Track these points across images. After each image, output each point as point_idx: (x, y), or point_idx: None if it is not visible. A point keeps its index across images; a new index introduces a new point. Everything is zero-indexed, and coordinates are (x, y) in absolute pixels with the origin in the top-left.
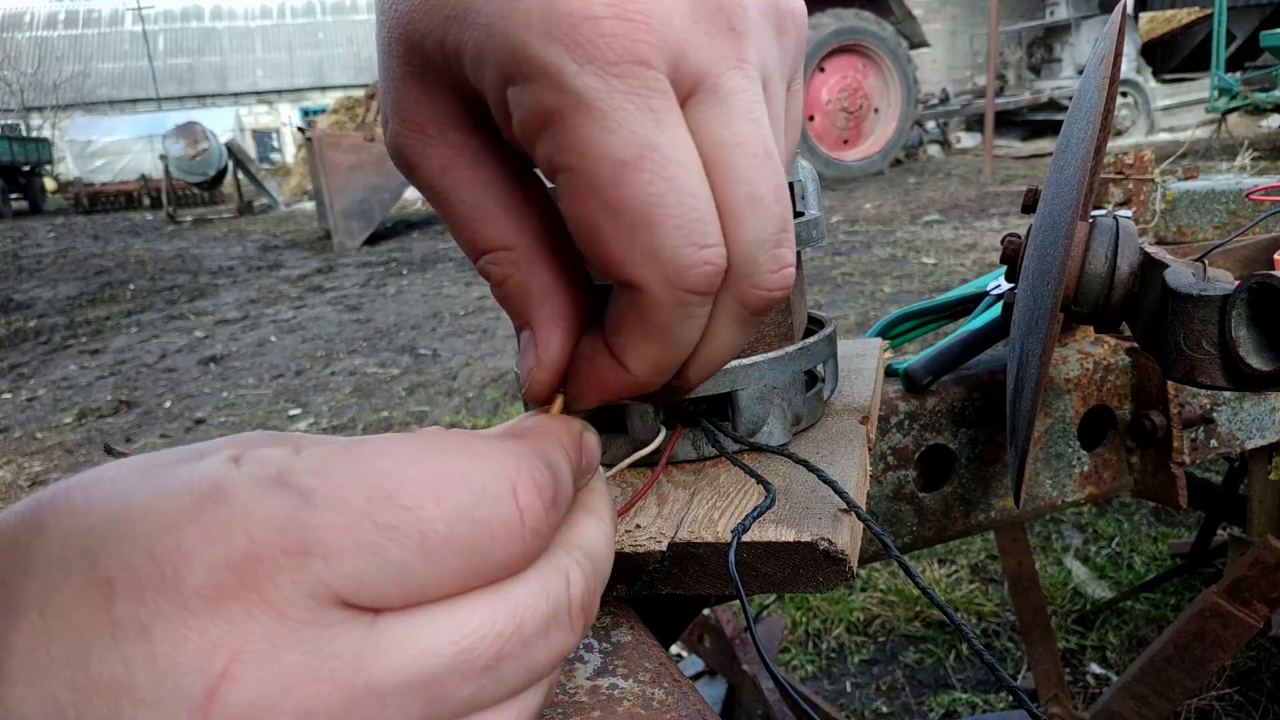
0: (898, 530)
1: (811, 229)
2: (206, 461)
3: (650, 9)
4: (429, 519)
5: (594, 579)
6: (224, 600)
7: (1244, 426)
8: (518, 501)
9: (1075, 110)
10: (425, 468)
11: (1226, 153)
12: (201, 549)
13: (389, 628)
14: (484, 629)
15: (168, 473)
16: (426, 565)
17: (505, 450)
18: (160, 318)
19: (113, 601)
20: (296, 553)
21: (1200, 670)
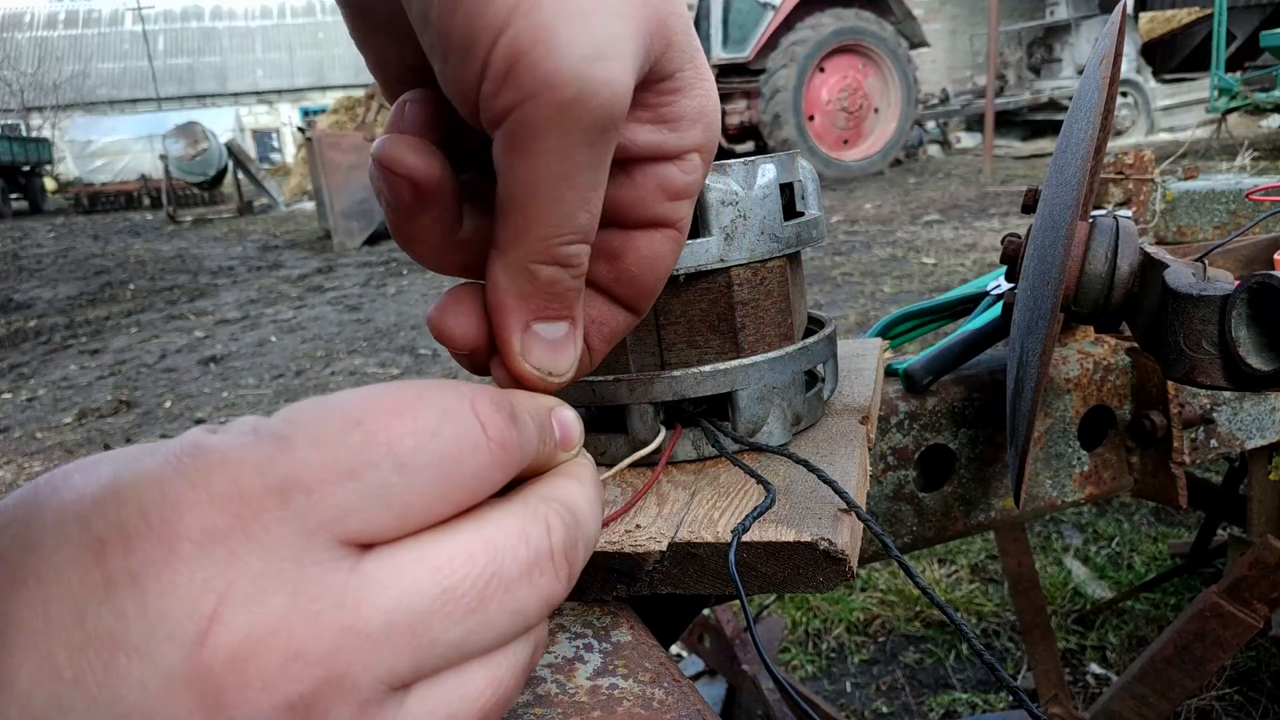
0: (898, 530)
1: (811, 229)
2: (188, 432)
3: None
4: (397, 436)
5: (575, 529)
6: (210, 543)
7: (1244, 426)
8: (478, 414)
9: (1075, 110)
10: (388, 397)
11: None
12: (186, 495)
13: (373, 568)
14: (464, 568)
15: (152, 447)
16: (404, 481)
17: (462, 386)
18: (160, 318)
19: (105, 558)
20: (279, 490)
21: (1200, 670)
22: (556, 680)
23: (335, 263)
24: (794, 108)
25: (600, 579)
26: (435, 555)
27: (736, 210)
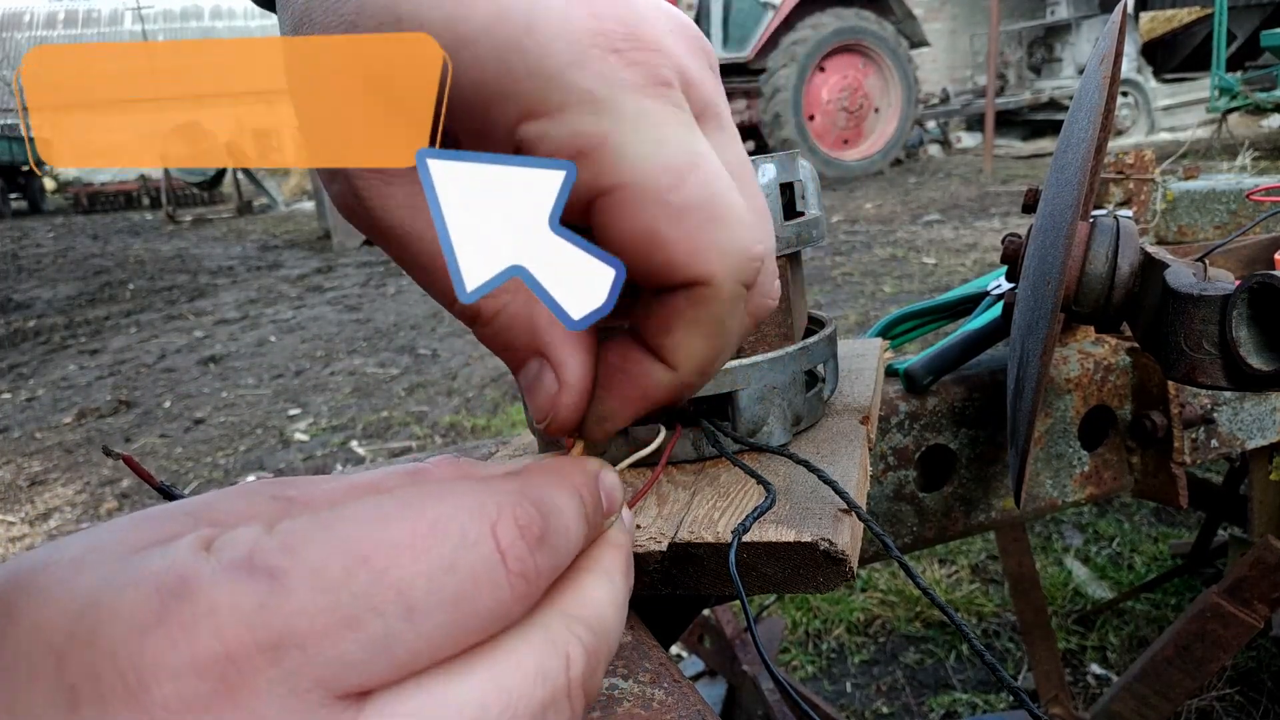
0: (898, 530)
1: (811, 229)
2: (176, 548)
3: (662, 42)
4: (408, 577)
5: (597, 655)
6: (193, 712)
7: (1244, 426)
8: (498, 543)
9: (1076, 110)
10: (402, 523)
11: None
12: (167, 656)
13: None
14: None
15: (138, 563)
16: (411, 628)
17: (489, 489)
18: (159, 318)
19: (78, 709)
20: (270, 647)
21: (1201, 670)
22: None
23: (335, 262)
24: (794, 107)
25: None
26: (443, 706)
27: None
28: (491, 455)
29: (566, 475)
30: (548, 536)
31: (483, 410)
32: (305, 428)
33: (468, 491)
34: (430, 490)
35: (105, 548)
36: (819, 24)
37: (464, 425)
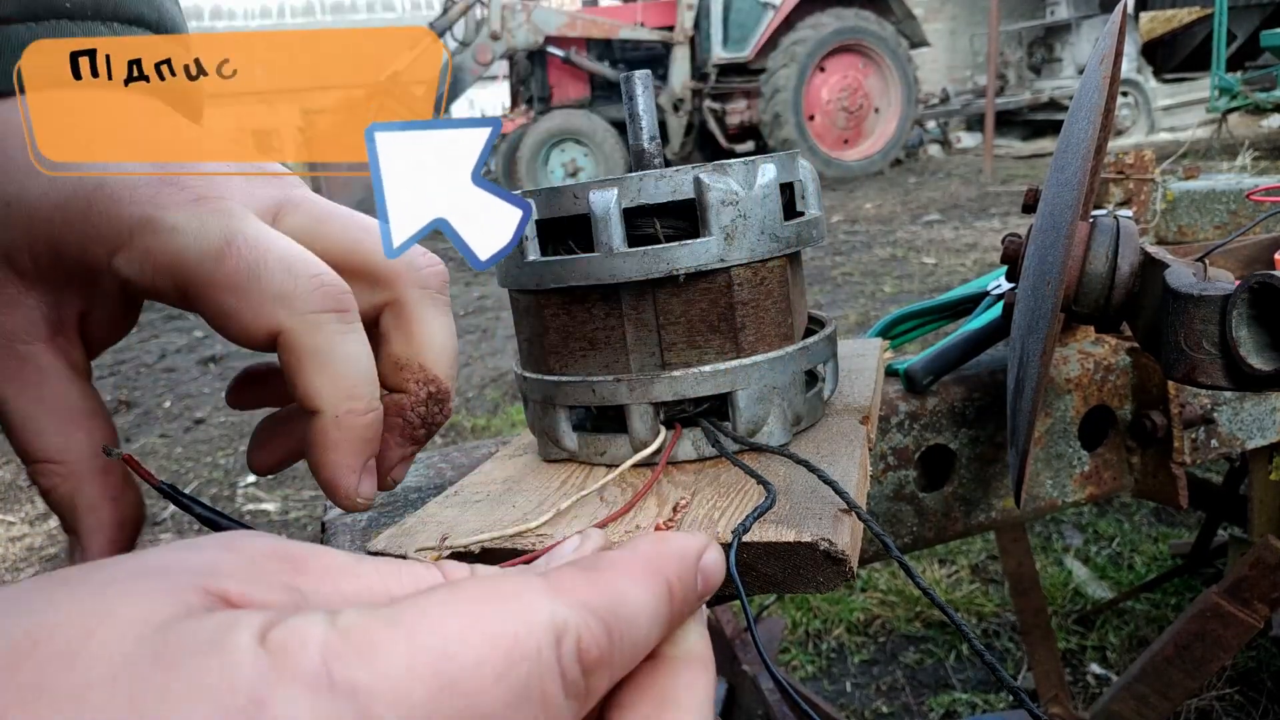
0: (898, 530)
1: (811, 229)
2: (234, 651)
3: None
4: (490, 702)
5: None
6: None
7: (1244, 426)
8: (560, 658)
9: (1076, 110)
10: (479, 637)
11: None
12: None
13: None
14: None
15: (190, 673)
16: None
17: (561, 594)
18: (159, 317)
19: None
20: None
21: (1201, 670)
22: None
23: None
24: (794, 107)
25: None
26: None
27: (737, 210)
28: (491, 455)
29: (657, 564)
30: (610, 657)
31: (483, 410)
32: None
33: (540, 595)
34: (500, 588)
35: (120, 630)
36: (819, 24)
37: (464, 425)
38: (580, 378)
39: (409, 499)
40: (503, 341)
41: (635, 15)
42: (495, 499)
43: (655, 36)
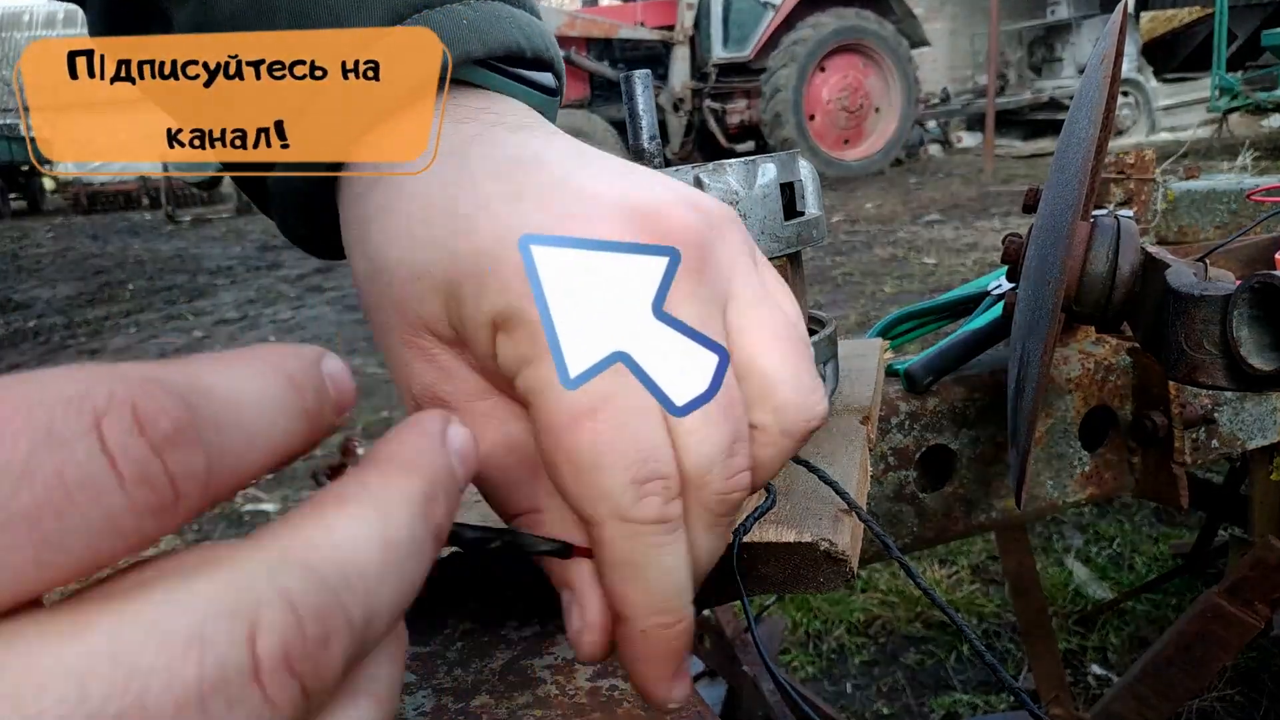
0: (898, 531)
1: (812, 229)
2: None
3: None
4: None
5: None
6: None
7: (1245, 427)
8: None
9: (1076, 110)
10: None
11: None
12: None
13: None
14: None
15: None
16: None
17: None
18: (159, 318)
19: None
20: None
21: (1201, 671)
22: (556, 681)
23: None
24: (794, 107)
25: None
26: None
27: (737, 210)
28: None
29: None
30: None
31: None
32: None
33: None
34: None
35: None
36: (819, 24)
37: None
38: None
39: None
40: None
41: (635, 15)
42: None
43: (655, 36)
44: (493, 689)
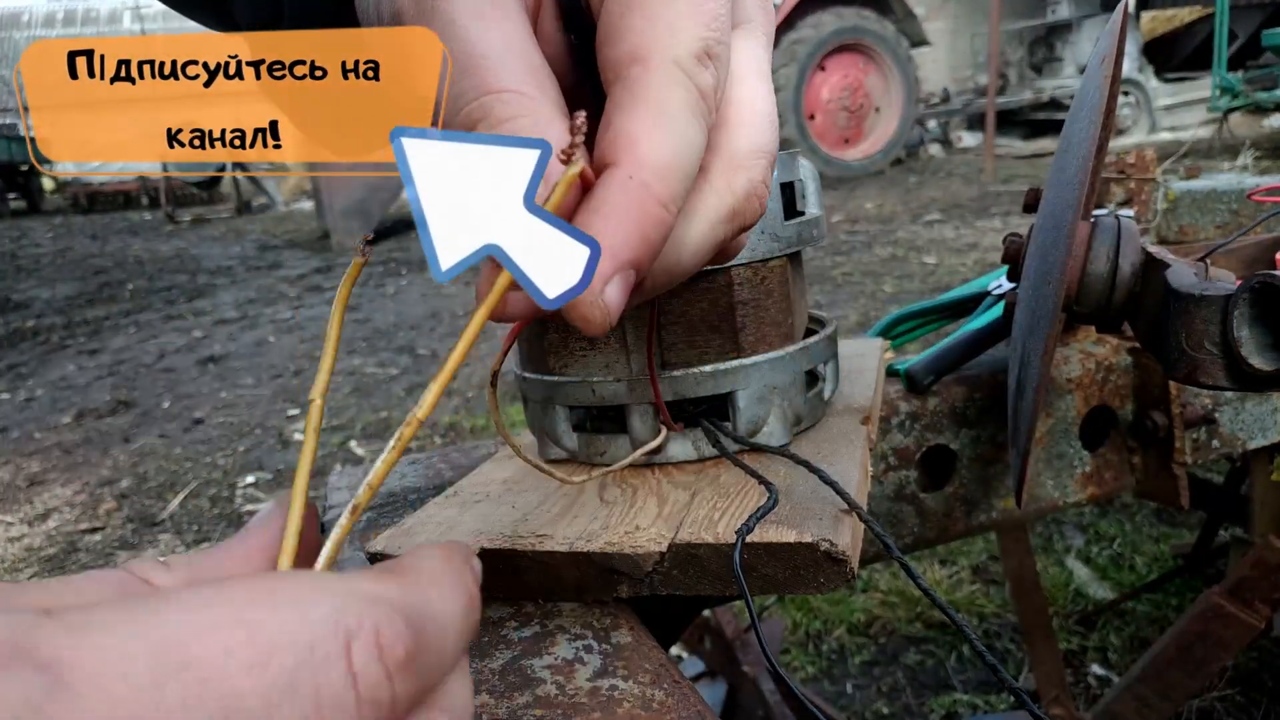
0: (899, 531)
1: (812, 228)
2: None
3: None
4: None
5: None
6: None
7: (1246, 427)
8: (351, 663)
9: (1077, 109)
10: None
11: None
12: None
13: None
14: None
15: None
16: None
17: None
18: (158, 317)
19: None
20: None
21: (1202, 671)
22: (556, 681)
23: (334, 262)
24: (795, 107)
25: (600, 580)
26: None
27: None
28: (491, 455)
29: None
30: (419, 656)
31: (482, 410)
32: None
33: (323, 590)
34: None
35: None
36: (819, 23)
37: (463, 425)
38: (580, 378)
39: (408, 499)
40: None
41: None
42: (495, 499)
43: None
44: (493, 688)
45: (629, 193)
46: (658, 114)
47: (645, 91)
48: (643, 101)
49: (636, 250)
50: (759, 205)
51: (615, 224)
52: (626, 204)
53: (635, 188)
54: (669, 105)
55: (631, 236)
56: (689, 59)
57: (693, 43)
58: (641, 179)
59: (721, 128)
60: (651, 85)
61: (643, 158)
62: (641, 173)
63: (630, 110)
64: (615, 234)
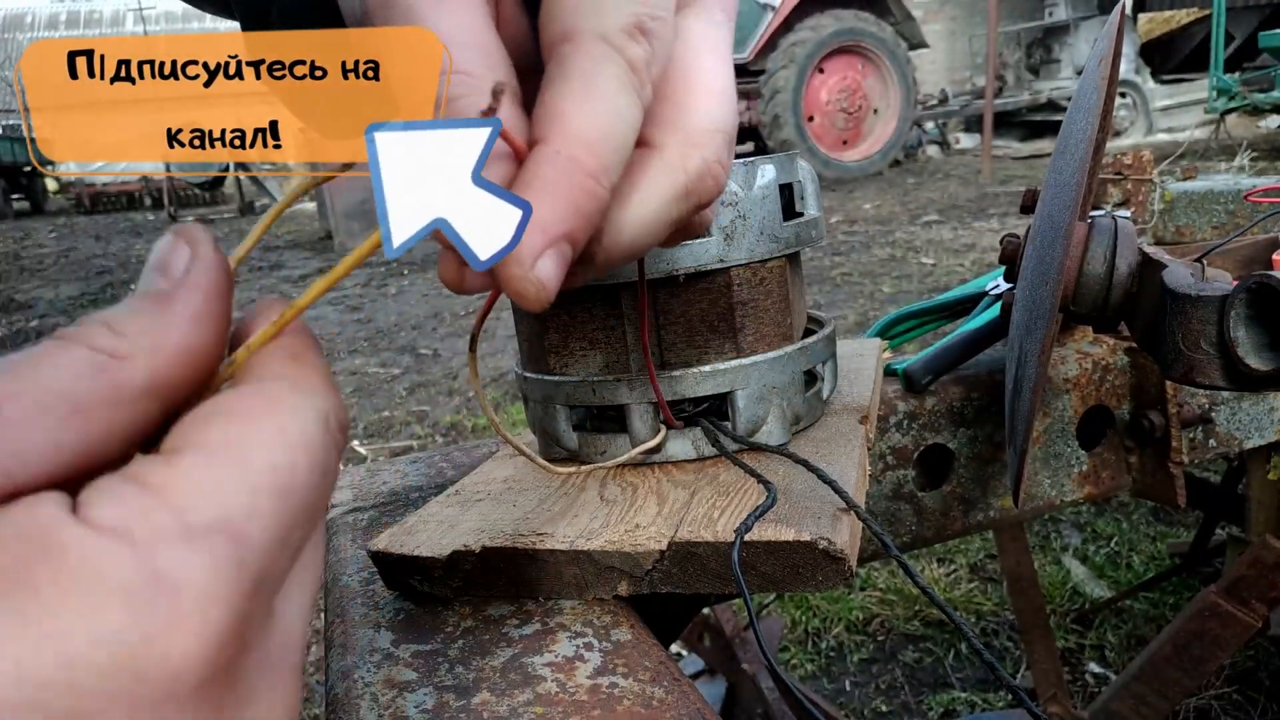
0: (897, 530)
1: (810, 229)
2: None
3: None
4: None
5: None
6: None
7: (1242, 426)
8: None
9: (1074, 111)
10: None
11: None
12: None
13: None
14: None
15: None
16: None
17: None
18: None
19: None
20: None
21: (1199, 669)
22: (556, 679)
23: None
24: (793, 108)
25: (600, 578)
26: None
27: (736, 210)
28: (492, 454)
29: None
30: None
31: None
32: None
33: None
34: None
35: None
36: (818, 25)
37: (465, 425)
38: (580, 377)
39: (409, 498)
40: (503, 341)
41: None
42: (496, 498)
43: None
44: (494, 686)
45: (557, 167)
46: (585, 88)
47: (572, 67)
48: (571, 77)
49: (569, 223)
50: (714, 184)
51: (545, 198)
52: (555, 177)
53: (564, 161)
54: (596, 79)
55: (561, 209)
56: (617, 33)
57: (622, 18)
58: (570, 153)
59: (674, 105)
60: (579, 60)
61: (571, 131)
62: (569, 146)
63: (559, 85)
64: (544, 207)
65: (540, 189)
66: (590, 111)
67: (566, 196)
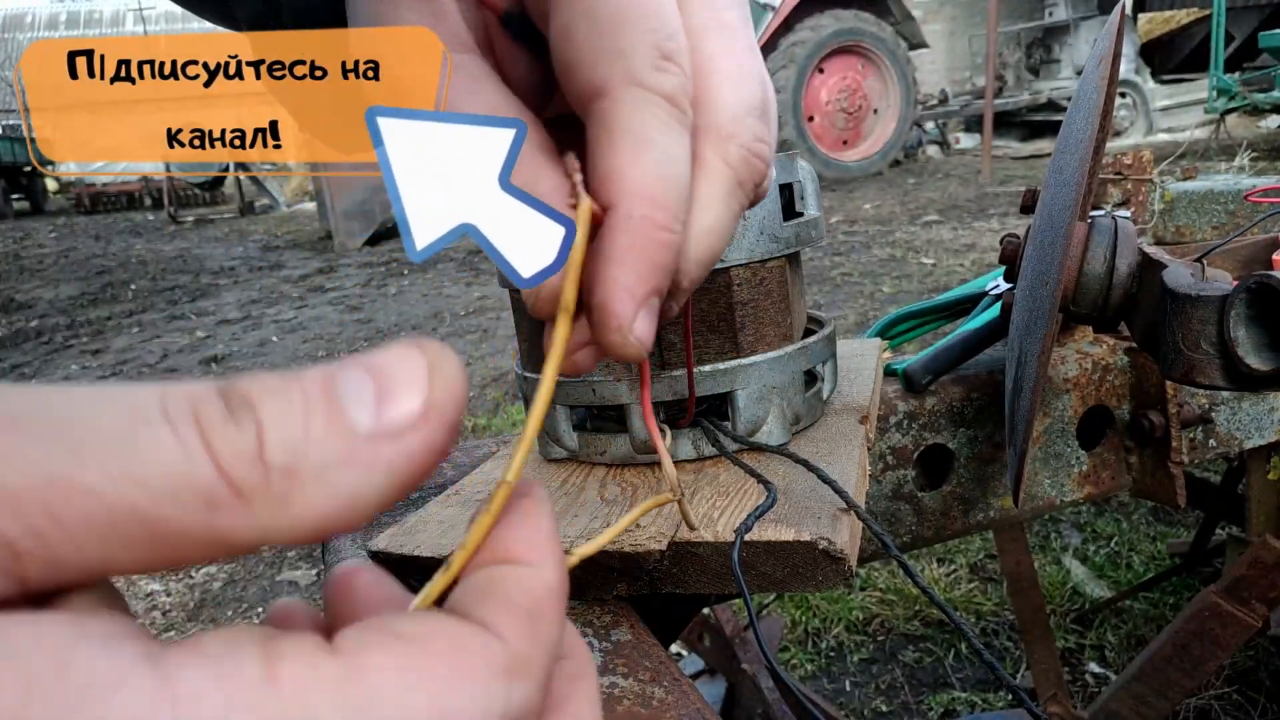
0: (897, 530)
1: (810, 229)
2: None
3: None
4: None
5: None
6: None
7: (1242, 426)
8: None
9: (1074, 111)
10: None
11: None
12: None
13: None
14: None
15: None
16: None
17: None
18: (162, 318)
19: None
20: None
21: (1199, 669)
22: None
23: (336, 263)
24: (793, 109)
25: (600, 578)
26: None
27: None
28: (492, 454)
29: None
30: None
31: (483, 410)
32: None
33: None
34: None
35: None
36: (818, 26)
37: (464, 425)
38: (580, 377)
39: (409, 498)
40: (503, 341)
41: None
42: None
43: None
44: None
45: (631, 231)
46: (635, 143)
47: (615, 124)
48: (616, 135)
49: (654, 280)
50: (760, 163)
51: (629, 267)
52: (631, 243)
53: (636, 224)
54: (644, 131)
55: (645, 270)
56: (648, 72)
57: (646, 53)
58: (640, 214)
59: (699, 105)
60: (620, 115)
61: (634, 191)
62: (638, 207)
63: (609, 147)
64: (631, 275)
65: (620, 259)
66: (646, 166)
67: (647, 257)
